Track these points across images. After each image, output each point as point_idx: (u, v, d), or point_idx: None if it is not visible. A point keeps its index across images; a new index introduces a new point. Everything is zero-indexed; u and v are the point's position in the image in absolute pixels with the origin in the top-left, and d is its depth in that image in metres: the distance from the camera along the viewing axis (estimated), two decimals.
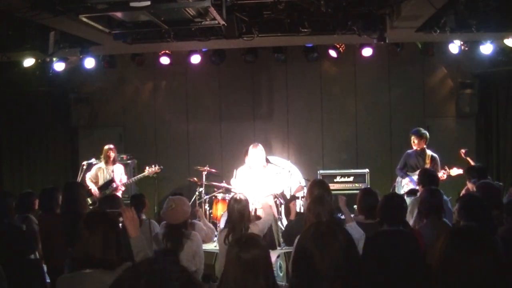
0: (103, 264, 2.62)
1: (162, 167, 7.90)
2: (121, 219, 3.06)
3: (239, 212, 4.40)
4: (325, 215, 3.79)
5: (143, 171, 7.80)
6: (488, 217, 4.14)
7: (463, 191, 6.12)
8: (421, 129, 7.27)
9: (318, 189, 4.77)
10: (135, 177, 7.85)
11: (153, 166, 7.78)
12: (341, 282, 1.77)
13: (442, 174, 6.88)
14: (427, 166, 6.92)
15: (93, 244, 2.63)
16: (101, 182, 7.50)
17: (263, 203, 5.04)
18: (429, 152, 7.12)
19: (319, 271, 1.78)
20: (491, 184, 5.29)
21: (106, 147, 7.66)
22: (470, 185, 5.82)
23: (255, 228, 4.52)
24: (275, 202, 7.49)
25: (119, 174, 7.67)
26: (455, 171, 6.90)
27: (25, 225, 5.08)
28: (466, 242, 1.95)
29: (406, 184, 7.17)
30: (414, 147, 7.21)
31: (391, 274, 3.56)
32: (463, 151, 7.43)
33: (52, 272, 4.79)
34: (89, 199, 6.82)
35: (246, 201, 4.54)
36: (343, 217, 4.67)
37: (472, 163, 7.13)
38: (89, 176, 7.55)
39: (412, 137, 7.19)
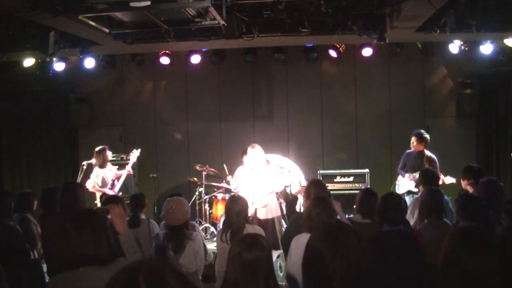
0: (95, 261, 2.63)
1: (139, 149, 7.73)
2: (109, 216, 3.06)
3: (236, 211, 4.41)
4: (325, 216, 3.78)
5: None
6: (486, 217, 4.15)
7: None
8: (424, 132, 7.29)
9: (315, 189, 4.78)
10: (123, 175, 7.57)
11: (132, 152, 7.63)
12: (352, 282, 1.77)
13: None
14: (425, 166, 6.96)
15: (83, 242, 2.62)
16: (109, 183, 7.39)
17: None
18: (427, 153, 7.16)
19: (330, 271, 1.78)
20: (496, 182, 5.29)
21: (100, 148, 7.35)
22: (464, 184, 5.78)
23: (255, 231, 4.51)
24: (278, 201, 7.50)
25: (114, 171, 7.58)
26: (449, 180, 6.90)
27: (23, 225, 5.08)
28: (471, 241, 1.95)
29: (409, 180, 7.18)
30: (412, 148, 7.27)
31: (392, 274, 3.56)
32: None
33: (52, 272, 4.78)
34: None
35: (244, 201, 4.56)
36: (351, 215, 4.69)
37: None
38: (91, 184, 7.14)
39: (412, 138, 7.25)
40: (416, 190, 7.00)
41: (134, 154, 7.61)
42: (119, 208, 3.09)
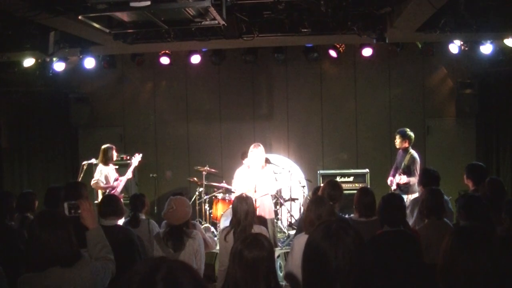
0: (60, 262, 2.66)
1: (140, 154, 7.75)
2: (79, 211, 3.08)
3: (244, 211, 4.39)
4: (326, 216, 3.79)
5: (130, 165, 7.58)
6: (487, 216, 4.15)
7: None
8: (407, 130, 7.35)
9: (329, 191, 4.83)
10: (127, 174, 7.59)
11: (134, 156, 7.65)
12: (354, 277, 1.79)
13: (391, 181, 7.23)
14: (405, 164, 7.10)
15: (46, 243, 2.65)
16: (112, 181, 7.40)
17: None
18: (411, 152, 7.22)
19: (332, 267, 1.79)
20: (499, 181, 5.28)
21: (108, 146, 7.43)
22: (467, 181, 5.76)
23: (260, 231, 4.50)
24: (274, 202, 7.51)
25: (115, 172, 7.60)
26: (403, 179, 7.04)
27: (24, 225, 5.08)
28: (471, 241, 1.96)
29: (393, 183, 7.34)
30: (397, 146, 7.39)
31: (392, 274, 3.56)
32: None
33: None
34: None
35: (251, 200, 4.54)
36: (351, 215, 4.70)
37: None
38: (95, 181, 7.16)
39: (396, 137, 7.36)
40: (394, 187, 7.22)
41: (136, 159, 7.60)
42: (89, 204, 3.11)
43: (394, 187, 7.22)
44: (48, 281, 2.65)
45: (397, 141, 7.33)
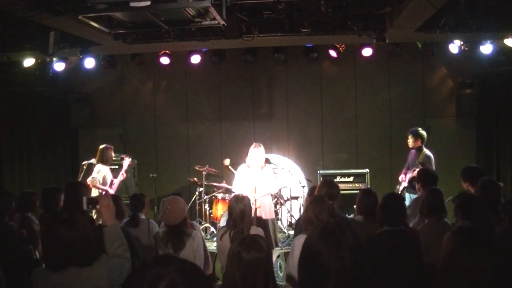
0: (78, 262, 2.63)
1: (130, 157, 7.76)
2: (97, 206, 3.06)
3: (240, 211, 4.38)
4: (325, 216, 3.79)
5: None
6: (484, 216, 4.15)
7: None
8: (419, 129, 7.35)
9: (327, 190, 4.81)
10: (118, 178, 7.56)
11: (123, 159, 7.62)
12: (348, 279, 1.79)
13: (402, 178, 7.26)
14: (419, 162, 7.09)
15: (66, 242, 2.62)
16: (109, 182, 7.38)
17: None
18: (424, 151, 7.22)
19: (326, 269, 1.79)
20: (493, 182, 5.28)
21: (106, 146, 7.36)
22: (465, 185, 5.77)
23: (257, 232, 4.49)
24: (275, 202, 7.50)
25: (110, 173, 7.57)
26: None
27: (25, 225, 5.08)
28: (471, 241, 1.96)
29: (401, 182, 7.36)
30: (410, 146, 7.36)
31: (392, 274, 3.56)
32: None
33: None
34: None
35: (248, 200, 4.53)
36: (352, 216, 4.70)
37: None
38: (91, 180, 7.06)
39: (408, 136, 7.37)
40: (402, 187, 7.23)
41: (126, 162, 7.60)
42: (108, 200, 3.09)
43: (405, 184, 7.23)
44: (64, 279, 2.62)
45: (410, 140, 7.34)
